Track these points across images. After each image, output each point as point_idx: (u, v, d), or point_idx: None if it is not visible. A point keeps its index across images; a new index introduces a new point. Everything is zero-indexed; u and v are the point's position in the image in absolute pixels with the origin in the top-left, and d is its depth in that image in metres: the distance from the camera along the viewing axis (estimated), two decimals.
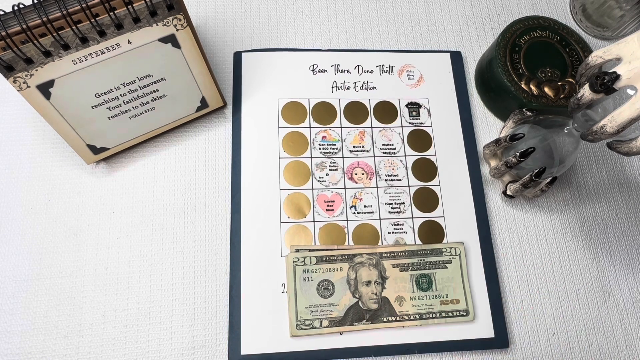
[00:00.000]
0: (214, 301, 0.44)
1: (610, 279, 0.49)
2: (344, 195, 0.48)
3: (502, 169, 0.47)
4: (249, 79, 0.52)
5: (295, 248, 0.45)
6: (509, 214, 0.50)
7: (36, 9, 0.34)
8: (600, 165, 0.54)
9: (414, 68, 0.54)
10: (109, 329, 0.43)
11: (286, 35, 0.55)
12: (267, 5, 0.56)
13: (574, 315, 0.47)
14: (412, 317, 0.44)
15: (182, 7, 0.38)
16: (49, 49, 0.36)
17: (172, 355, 0.43)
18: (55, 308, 0.43)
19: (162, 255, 0.45)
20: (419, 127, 0.52)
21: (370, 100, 0.53)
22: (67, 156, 0.48)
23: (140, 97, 0.43)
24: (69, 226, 0.46)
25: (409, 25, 0.57)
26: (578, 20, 0.59)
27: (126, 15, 0.37)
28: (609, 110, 0.38)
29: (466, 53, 0.56)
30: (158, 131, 0.48)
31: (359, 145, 0.51)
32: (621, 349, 0.47)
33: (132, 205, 0.47)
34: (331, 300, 0.44)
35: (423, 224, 0.48)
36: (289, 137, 0.50)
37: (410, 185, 0.50)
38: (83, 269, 0.44)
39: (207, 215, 0.47)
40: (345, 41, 0.55)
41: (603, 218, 0.52)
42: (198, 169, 0.49)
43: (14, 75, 0.36)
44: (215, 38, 0.54)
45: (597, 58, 0.39)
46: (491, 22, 0.58)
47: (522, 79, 0.50)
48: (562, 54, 0.52)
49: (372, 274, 0.45)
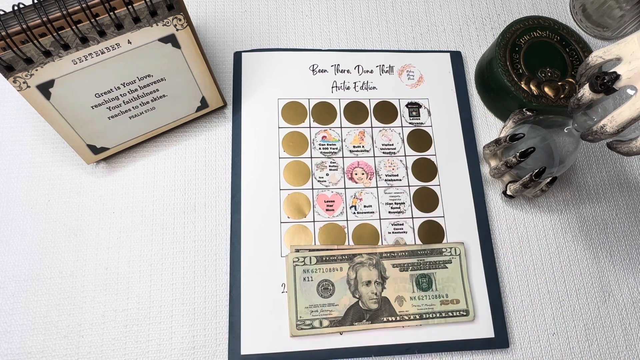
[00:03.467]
0: (214, 301, 0.44)
1: (610, 279, 0.49)
2: (344, 195, 0.48)
3: (502, 169, 0.47)
4: (249, 79, 0.52)
5: (295, 248, 0.45)
6: (509, 214, 0.50)
7: (36, 9, 0.34)
8: (600, 165, 0.54)
9: (414, 68, 0.54)
10: (109, 329, 0.43)
11: (286, 35, 0.55)
12: (267, 5, 0.56)
13: (574, 315, 0.47)
14: (412, 317, 0.44)
15: (182, 7, 0.38)
16: (49, 49, 0.36)
17: (172, 355, 0.43)
18: (55, 308, 0.43)
19: (162, 255, 0.45)
20: (419, 127, 0.52)
21: (370, 100, 0.53)
22: (67, 156, 0.48)
23: (140, 97, 0.43)
24: (69, 226, 0.46)
25: (409, 25, 0.57)
26: (578, 20, 0.59)
27: (126, 15, 0.37)
28: (609, 110, 0.38)
29: (466, 53, 0.56)
30: (158, 131, 0.48)
31: (359, 145, 0.51)
32: (621, 349, 0.47)
33: (132, 205, 0.47)
34: (331, 300, 0.44)
35: (423, 224, 0.48)
36: (289, 137, 0.50)
37: (410, 185, 0.50)
38: (83, 269, 0.44)
39: (207, 215, 0.47)
40: (345, 41, 0.55)
41: (603, 218, 0.52)
42: (198, 169, 0.49)
43: (14, 75, 0.36)
44: (215, 38, 0.54)
45: (597, 58, 0.39)
46: (491, 22, 0.58)
47: (522, 79, 0.50)
48: (562, 54, 0.52)
49: (372, 274, 0.45)
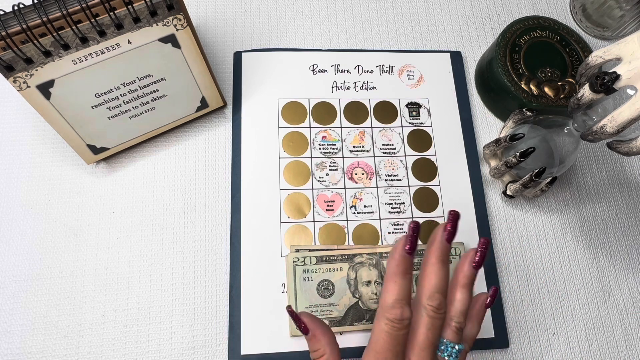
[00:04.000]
0: (214, 301, 0.45)
1: (610, 279, 0.49)
2: (344, 195, 0.48)
3: (502, 169, 0.47)
4: (249, 79, 0.52)
5: (295, 248, 0.45)
6: (509, 214, 0.50)
7: (36, 9, 0.34)
8: (600, 165, 0.54)
9: (414, 68, 0.54)
10: (109, 329, 0.43)
11: (286, 35, 0.55)
12: (267, 5, 0.56)
13: (574, 315, 0.47)
14: None
15: (182, 7, 0.38)
16: (49, 49, 0.36)
17: (172, 355, 0.43)
18: (55, 308, 0.43)
19: (162, 255, 0.45)
20: (419, 127, 0.52)
21: (370, 100, 0.53)
22: (67, 156, 0.48)
23: (140, 97, 0.43)
24: (69, 226, 0.46)
25: (409, 25, 0.57)
26: (578, 20, 0.59)
27: (126, 15, 0.37)
28: (609, 110, 0.38)
29: (466, 53, 0.56)
30: (158, 131, 0.48)
31: (359, 145, 0.51)
32: (621, 349, 0.47)
33: (132, 205, 0.47)
34: (331, 300, 0.44)
35: (423, 224, 0.48)
36: (289, 137, 0.50)
37: (410, 185, 0.50)
38: (83, 269, 0.44)
39: (207, 215, 0.47)
40: (345, 41, 0.55)
41: (603, 218, 0.52)
42: (198, 169, 0.49)
43: (14, 75, 0.36)
44: (215, 38, 0.54)
45: (597, 58, 0.39)
46: (491, 22, 0.58)
47: (522, 79, 0.50)
48: (562, 54, 0.52)
49: (372, 274, 0.45)
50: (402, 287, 0.31)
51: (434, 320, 0.31)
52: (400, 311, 0.30)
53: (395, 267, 0.31)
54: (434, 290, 0.31)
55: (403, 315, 0.30)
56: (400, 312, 0.30)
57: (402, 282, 0.31)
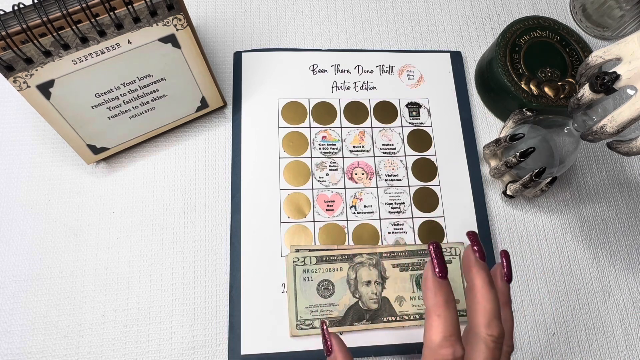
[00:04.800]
0: (214, 301, 0.44)
1: (610, 279, 0.49)
2: (344, 195, 0.48)
3: (502, 169, 0.47)
4: (249, 79, 0.52)
5: (295, 248, 0.45)
6: (509, 214, 0.50)
7: (36, 9, 0.34)
8: (600, 165, 0.54)
9: (414, 68, 0.54)
10: (109, 329, 0.43)
11: (286, 35, 0.55)
12: (267, 5, 0.56)
13: (574, 315, 0.47)
14: (412, 317, 0.44)
15: (182, 7, 0.38)
16: (49, 49, 0.36)
17: (172, 355, 0.43)
18: (55, 308, 0.43)
19: (162, 255, 0.45)
20: (419, 127, 0.52)
21: (370, 100, 0.53)
22: (67, 156, 0.48)
23: (140, 97, 0.43)
24: (69, 226, 0.46)
25: (409, 25, 0.57)
26: (578, 20, 0.59)
27: (126, 15, 0.37)
28: (609, 110, 0.38)
29: (466, 53, 0.56)
30: (158, 131, 0.48)
31: (359, 145, 0.51)
32: (621, 349, 0.47)
33: (132, 205, 0.47)
34: (331, 300, 0.44)
35: (423, 224, 0.48)
36: (289, 137, 0.50)
37: (410, 185, 0.50)
38: (83, 269, 0.44)
39: (207, 215, 0.47)
40: (345, 41, 0.55)
41: (603, 218, 0.52)
42: (198, 169, 0.49)
43: (14, 75, 0.36)
44: (215, 38, 0.54)
45: (597, 58, 0.39)
46: (491, 22, 0.58)
47: (522, 79, 0.50)
48: (562, 54, 0.52)
49: (372, 274, 0.45)
50: (448, 321, 0.27)
51: (494, 352, 0.28)
52: (452, 350, 0.26)
53: (433, 297, 0.28)
54: (491, 317, 0.28)
55: (455, 355, 0.26)
56: (452, 351, 0.26)
57: (447, 314, 0.27)
